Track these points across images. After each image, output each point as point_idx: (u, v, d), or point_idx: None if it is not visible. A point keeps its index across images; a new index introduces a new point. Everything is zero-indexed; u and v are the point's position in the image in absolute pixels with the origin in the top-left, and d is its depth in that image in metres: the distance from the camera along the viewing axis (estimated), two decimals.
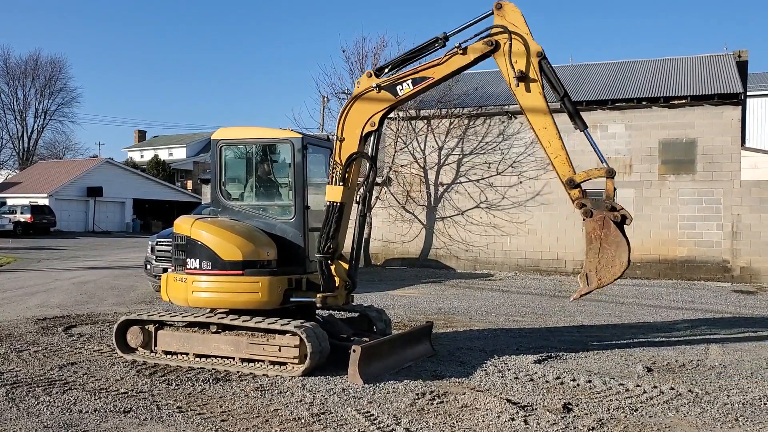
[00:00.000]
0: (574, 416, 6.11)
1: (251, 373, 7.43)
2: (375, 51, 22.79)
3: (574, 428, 5.77)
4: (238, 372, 7.49)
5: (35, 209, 41.07)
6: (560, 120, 7.91)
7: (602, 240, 7.42)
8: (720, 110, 19.79)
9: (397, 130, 22.67)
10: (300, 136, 8.31)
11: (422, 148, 23.16)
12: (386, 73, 8.21)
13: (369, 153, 8.24)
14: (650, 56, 31.13)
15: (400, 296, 15.37)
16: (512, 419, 5.95)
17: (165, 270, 9.48)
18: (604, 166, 7.71)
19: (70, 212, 46.48)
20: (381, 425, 5.76)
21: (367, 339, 8.00)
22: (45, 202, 43.79)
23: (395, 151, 23.06)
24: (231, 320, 7.73)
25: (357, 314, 9.17)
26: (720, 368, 8.16)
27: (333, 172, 8.10)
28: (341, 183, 8.03)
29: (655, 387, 7.13)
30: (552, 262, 21.47)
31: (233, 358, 7.70)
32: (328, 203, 8.07)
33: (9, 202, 43.26)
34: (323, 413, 6.08)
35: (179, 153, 70.99)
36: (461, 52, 7.89)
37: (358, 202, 8.30)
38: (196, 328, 8.05)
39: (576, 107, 8.01)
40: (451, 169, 22.88)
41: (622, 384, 7.23)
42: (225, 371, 7.53)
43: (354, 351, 7.12)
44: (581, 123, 7.91)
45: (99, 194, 47.01)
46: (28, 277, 18.07)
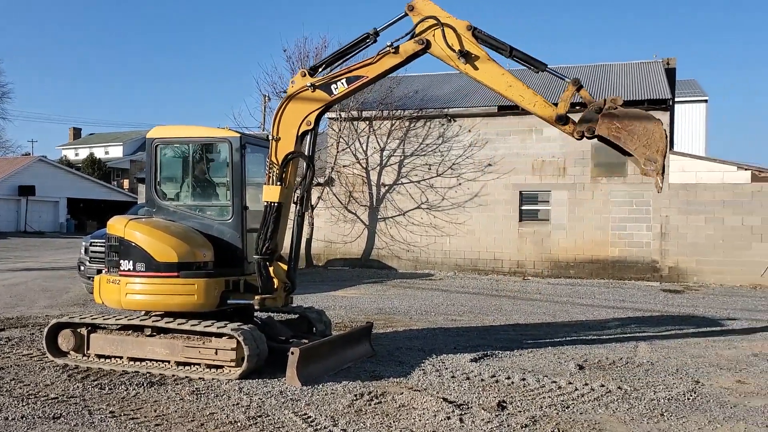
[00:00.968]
0: (508, 414, 6.24)
1: (187, 377, 7.32)
2: (317, 51, 22.74)
3: (508, 426, 5.90)
4: (174, 376, 7.36)
5: None
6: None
7: (623, 128, 7.19)
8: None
9: (339, 131, 22.68)
10: (238, 136, 8.23)
11: (364, 149, 23.23)
12: (320, 72, 8.19)
13: (306, 152, 8.19)
14: (583, 62, 32.03)
15: (342, 297, 15.37)
16: (448, 418, 6.05)
17: (99, 271, 9.24)
18: (568, 82, 7.57)
19: (0, 212, 44.71)
20: (318, 427, 5.76)
21: (307, 341, 7.99)
22: None
23: (337, 152, 23.07)
24: (166, 323, 7.60)
25: (296, 316, 9.14)
26: (648, 365, 8.47)
27: (270, 172, 8.04)
28: (279, 183, 7.97)
29: (587, 384, 7.35)
30: (489, 262, 21.86)
31: (168, 362, 7.57)
32: (266, 203, 8.01)
33: None
34: (260, 416, 6.05)
35: (116, 151, 69.22)
36: (393, 51, 7.88)
37: (296, 203, 8.26)
38: (131, 331, 7.88)
39: (527, 54, 7.94)
40: (393, 170, 23.03)
41: (555, 382, 7.42)
42: (160, 375, 7.39)
43: (292, 353, 7.09)
44: (539, 64, 7.89)
45: (31, 193, 45.36)
46: None
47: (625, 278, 20.30)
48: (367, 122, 22.91)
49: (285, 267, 8.11)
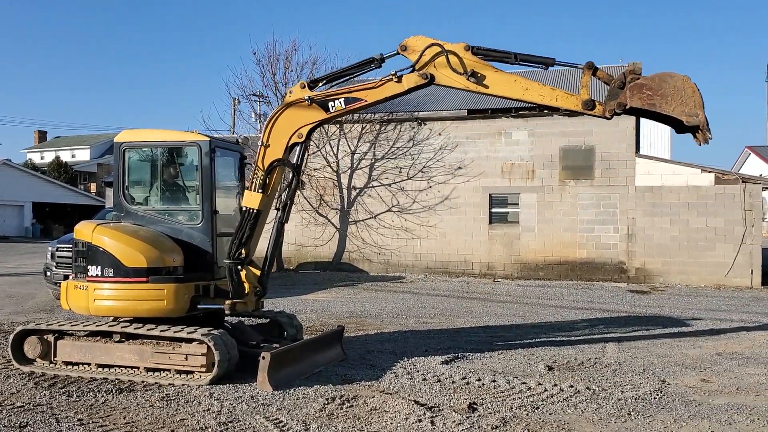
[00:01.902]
0: (479, 416, 6.30)
1: (157, 383, 7.25)
2: (287, 54, 22.66)
3: (479, 427, 5.96)
4: (143, 382, 7.29)
5: None
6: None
7: (655, 93, 7.10)
8: (616, 119, 20.54)
9: None
10: (208, 139, 8.18)
11: (335, 152, 23.22)
12: (320, 87, 8.09)
13: (293, 163, 8.10)
14: None
15: (313, 300, 15.34)
16: (419, 420, 6.09)
17: (66, 277, 9.11)
18: (581, 66, 7.54)
19: None
20: None
21: (278, 345, 7.96)
22: None
23: (308, 155, 23.00)
24: (135, 329, 7.52)
25: (267, 320, 9.10)
26: (615, 365, 8.60)
27: (254, 178, 7.98)
28: (260, 190, 7.91)
29: (556, 385, 7.45)
30: (460, 264, 21.99)
31: (138, 368, 7.50)
32: (244, 208, 7.97)
33: None
34: (231, 422, 6.02)
35: (82, 154, 68.05)
36: (396, 80, 7.76)
37: (278, 209, 8.21)
38: (99, 338, 7.78)
39: (527, 55, 7.88)
40: (364, 173, 23.05)
41: (525, 383, 7.51)
42: (129, 381, 7.32)
43: (263, 358, 7.07)
44: (547, 60, 7.82)
45: None
46: None
47: (593, 279, 20.58)
48: (338, 125, 22.90)
49: (256, 272, 8.08)
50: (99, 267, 7.71)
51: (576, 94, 7.62)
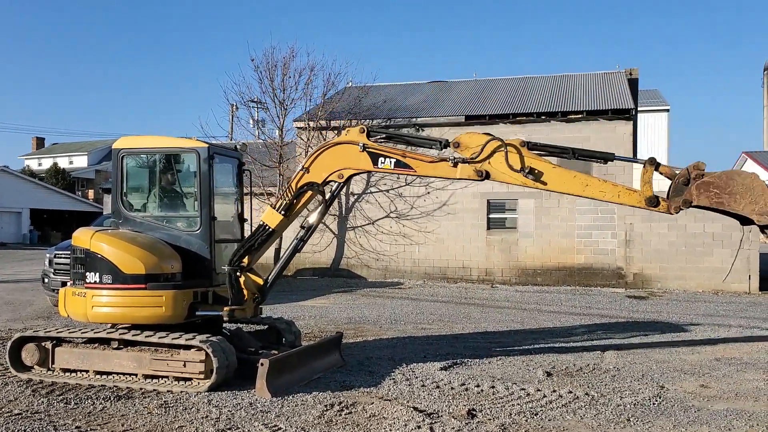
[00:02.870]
0: (478, 422, 6.30)
1: (155, 390, 7.23)
2: (285, 60, 22.66)
3: None
4: (141, 389, 7.27)
5: None
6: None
7: (722, 192, 6.98)
8: (613, 125, 20.90)
9: (308, 140, 22.63)
10: (206, 146, 8.19)
11: None
12: (377, 138, 8.02)
13: (326, 197, 8.09)
14: (548, 72, 32.51)
15: (311, 307, 15.33)
16: (418, 427, 6.07)
17: (64, 284, 9.08)
18: (644, 162, 7.36)
19: None
20: None
21: (276, 352, 7.96)
22: None
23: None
24: (133, 336, 7.51)
25: (266, 327, 9.11)
26: (614, 371, 8.60)
27: (282, 197, 8.03)
28: (283, 212, 7.95)
29: (554, 391, 7.44)
30: (458, 270, 21.99)
31: (136, 375, 7.48)
32: (262, 223, 8.03)
33: None
34: (229, 429, 6.01)
35: (80, 161, 67.95)
36: (452, 165, 7.61)
37: (303, 227, 8.17)
38: (97, 345, 7.77)
39: (591, 150, 7.94)
40: (362, 179, 23.04)
41: (524, 389, 7.50)
42: (127, 388, 7.30)
43: (262, 364, 7.06)
44: (606, 155, 7.76)
45: None
46: None
47: (591, 285, 20.58)
48: (336, 131, 22.91)
49: (256, 279, 8.09)
50: (97, 274, 7.69)
51: (638, 190, 7.40)
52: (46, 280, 14.48)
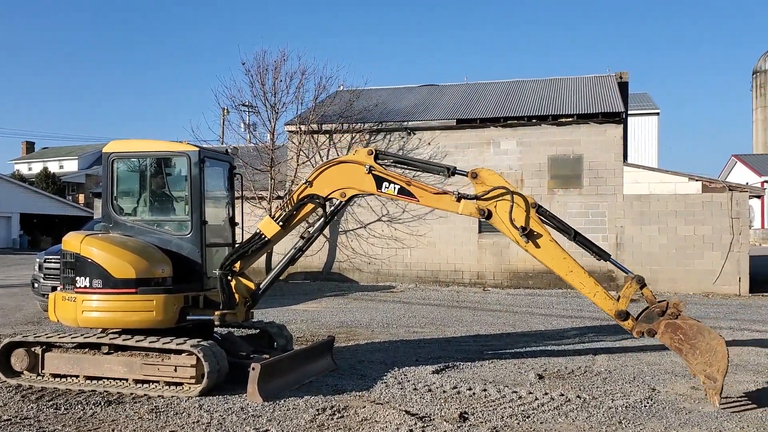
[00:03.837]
0: (470, 425, 6.30)
1: (146, 395, 7.20)
2: (276, 64, 22.64)
3: None
4: (132, 394, 7.23)
5: None
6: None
7: (686, 340, 7.03)
8: (604, 128, 20.99)
9: (299, 144, 22.63)
10: (197, 150, 8.17)
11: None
12: (384, 162, 7.99)
13: (326, 210, 8.10)
14: (539, 76, 32.63)
15: (303, 310, 15.30)
16: (411, 430, 6.07)
17: (54, 288, 9.04)
18: (632, 277, 7.44)
19: None
20: None
21: (268, 356, 7.93)
22: None
23: (297, 165, 22.98)
24: (124, 340, 7.47)
25: (257, 331, 9.07)
26: (606, 374, 8.62)
27: (283, 207, 8.04)
28: (281, 223, 7.96)
29: (546, 393, 7.45)
30: (450, 274, 22.00)
31: (126, 380, 7.44)
32: (258, 231, 8.04)
33: None
34: None
35: (70, 165, 67.68)
36: (455, 199, 7.64)
37: (303, 237, 8.19)
38: (87, 350, 7.72)
39: (590, 241, 7.81)
40: None
41: (516, 392, 7.51)
42: (118, 393, 7.26)
43: (253, 369, 7.04)
44: (602, 254, 7.77)
45: None
46: None
47: None
48: (328, 135, 22.92)
49: (247, 283, 8.09)
50: (87, 278, 7.66)
51: (614, 299, 7.43)
52: (36, 285, 14.43)
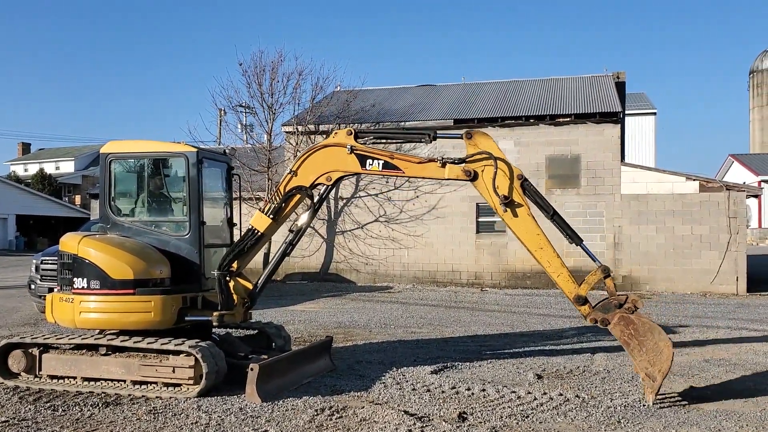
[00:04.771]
0: (469, 425, 6.29)
1: (144, 396, 7.18)
2: (273, 65, 22.63)
3: None
4: (130, 395, 7.22)
5: None
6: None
7: (635, 336, 7.08)
8: (601, 128, 21.01)
9: (296, 145, 22.61)
10: (195, 150, 8.16)
11: None
12: (365, 140, 7.89)
13: (314, 199, 8.08)
14: (536, 76, 32.65)
15: (301, 311, 15.28)
16: (410, 431, 6.06)
17: (50, 290, 9.02)
18: (598, 266, 7.49)
19: None
20: None
21: (266, 356, 7.92)
22: None
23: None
24: (122, 341, 7.45)
25: (255, 331, 9.06)
26: (604, 373, 8.63)
27: (270, 201, 8.01)
28: (272, 215, 7.93)
29: (545, 393, 7.45)
30: (448, 274, 22.00)
31: (124, 381, 7.42)
32: (250, 227, 8.00)
33: None
34: None
35: (67, 166, 67.56)
36: (440, 165, 7.59)
37: (292, 231, 8.17)
38: (85, 351, 7.70)
39: (566, 223, 7.79)
40: (351, 183, 23.03)
41: (514, 392, 7.51)
42: (116, 395, 7.24)
43: (251, 369, 7.03)
44: (576, 238, 7.77)
45: None
46: None
47: None
48: (325, 136, 22.89)
49: (245, 283, 8.07)
50: (85, 279, 7.63)
51: (576, 284, 7.50)
52: (33, 287, 14.37)
